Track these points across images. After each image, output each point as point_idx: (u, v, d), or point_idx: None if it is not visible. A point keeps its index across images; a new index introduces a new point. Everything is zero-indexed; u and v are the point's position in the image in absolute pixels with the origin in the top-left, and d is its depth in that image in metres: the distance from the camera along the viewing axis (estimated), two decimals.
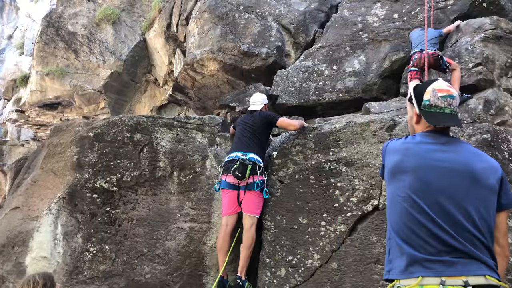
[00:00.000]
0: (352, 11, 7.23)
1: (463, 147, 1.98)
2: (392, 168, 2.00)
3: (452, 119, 1.99)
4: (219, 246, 4.12)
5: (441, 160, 1.91)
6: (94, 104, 11.46)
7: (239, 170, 4.10)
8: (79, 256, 4.28)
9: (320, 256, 3.84)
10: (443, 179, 1.87)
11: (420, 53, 5.49)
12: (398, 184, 1.95)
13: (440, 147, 1.96)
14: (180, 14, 8.98)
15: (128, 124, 4.82)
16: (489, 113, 5.09)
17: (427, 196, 1.86)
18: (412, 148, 1.99)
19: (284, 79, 6.80)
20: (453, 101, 1.99)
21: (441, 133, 2.01)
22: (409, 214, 1.88)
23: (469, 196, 1.85)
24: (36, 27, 15.64)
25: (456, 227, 1.80)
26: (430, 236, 1.81)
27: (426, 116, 2.01)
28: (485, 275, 1.75)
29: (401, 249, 1.87)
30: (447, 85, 2.04)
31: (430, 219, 1.83)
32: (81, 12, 11.47)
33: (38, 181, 4.80)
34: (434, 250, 1.79)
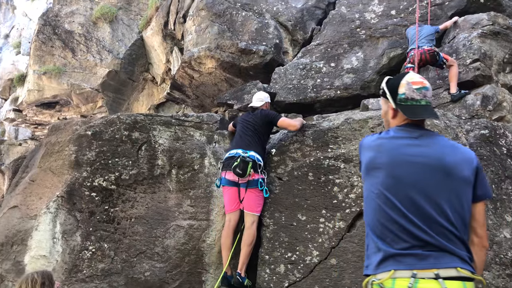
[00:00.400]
0: (349, 8, 7.23)
1: (437, 140, 1.97)
2: (367, 165, 2.01)
3: (429, 111, 2.00)
4: (222, 242, 4.14)
5: (413, 154, 1.91)
6: (91, 103, 11.44)
7: (240, 167, 4.10)
8: (78, 254, 4.28)
9: (319, 252, 3.85)
10: (415, 174, 1.88)
11: (417, 50, 5.51)
12: (372, 181, 1.96)
13: (413, 141, 1.95)
14: (177, 12, 8.96)
15: (126, 123, 4.81)
16: (487, 109, 5.10)
17: (399, 191, 1.87)
18: (385, 144, 1.99)
19: (282, 76, 6.80)
20: (427, 93, 2.00)
21: (415, 126, 2.01)
22: (382, 210, 1.89)
23: (442, 189, 1.85)
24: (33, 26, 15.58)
25: (428, 221, 1.81)
26: (402, 232, 1.82)
27: (404, 109, 2.00)
28: (456, 267, 1.76)
29: (376, 245, 1.90)
30: (419, 77, 2.05)
31: (402, 214, 1.83)
32: (77, 10, 11.43)
33: (36, 180, 4.78)
34: (406, 244, 1.81)
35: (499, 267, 3.37)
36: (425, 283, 1.74)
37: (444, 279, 1.73)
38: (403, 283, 1.75)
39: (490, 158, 3.93)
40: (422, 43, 5.51)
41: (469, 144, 3.94)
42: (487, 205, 3.65)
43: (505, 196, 3.76)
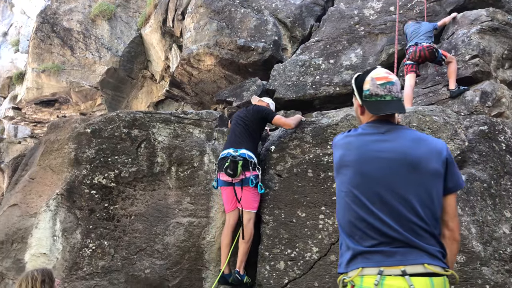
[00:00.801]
0: (348, 4, 7.22)
1: (404, 134, 1.95)
2: (336, 163, 2.00)
3: (394, 106, 1.97)
4: (221, 241, 4.15)
5: (379, 150, 1.90)
6: (91, 101, 11.43)
7: (230, 167, 4.08)
8: (78, 252, 4.29)
9: (319, 249, 3.86)
10: (381, 170, 1.86)
11: (415, 47, 5.51)
12: (341, 179, 1.96)
13: (380, 137, 1.94)
14: (176, 9, 8.94)
15: (125, 120, 4.81)
16: (486, 105, 5.11)
17: (367, 189, 1.86)
18: (352, 141, 1.98)
19: (281, 73, 6.79)
20: (393, 87, 1.97)
21: (384, 122, 1.99)
22: (350, 208, 1.88)
23: (409, 184, 1.83)
24: (31, 23, 15.54)
25: (396, 217, 1.80)
26: (370, 229, 1.82)
27: (368, 106, 1.99)
28: (423, 263, 1.75)
29: (346, 243, 1.90)
30: (385, 71, 2.02)
31: (369, 212, 1.83)
32: (76, 8, 11.40)
33: (35, 178, 4.79)
34: (374, 242, 1.80)
35: (498, 262, 3.39)
36: (392, 280, 1.73)
37: (410, 276, 1.72)
38: (370, 280, 1.75)
39: (489, 154, 3.94)
40: (421, 39, 5.51)
41: (468, 140, 3.95)
42: (486, 201, 3.66)
43: (504, 192, 3.77)
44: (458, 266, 3.34)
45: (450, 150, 3.76)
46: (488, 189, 3.72)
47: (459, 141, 3.87)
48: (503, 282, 3.29)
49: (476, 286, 3.28)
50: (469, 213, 3.54)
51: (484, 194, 3.69)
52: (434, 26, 5.85)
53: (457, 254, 3.33)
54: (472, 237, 3.44)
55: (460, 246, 3.39)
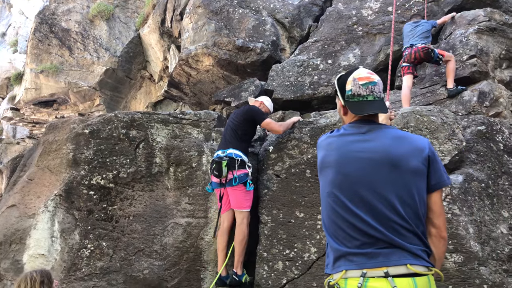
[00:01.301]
0: (346, 5, 7.23)
1: (384, 133, 1.94)
2: (319, 164, 2.01)
3: (376, 106, 1.96)
4: (217, 243, 4.15)
5: (360, 150, 1.89)
6: (89, 101, 11.43)
7: (216, 168, 4.09)
8: (76, 253, 4.29)
9: (317, 249, 3.86)
10: (362, 170, 1.86)
11: (411, 49, 5.52)
12: (324, 180, 1.96)
13: (361, 137, 1.94)
14: (174, 9, 8.94)
15: (123, 121, 4.81)
16: (484, 105, 5.12)
17: (348, 189, 1.86)
18: (334, 142, 1.98)
19: (280, 73, 6.80)
20: (375, 87, 1.97)
21: (366, 122, 1.99)
22: (333, 209, 1.88)
23: (390, 183, 1.82)
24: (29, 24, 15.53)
25: (378, 217, 1.79)
26: (353, 230, 1.81)
27: (350, 106, 1.99)
28: (406, 264, 1.74)
29: (331, 244, 1.90)
30: (367, 72, 2.02)
31: (351, 212, 1.82)
32: (74, 8, 11.40)
33: (34, 178, 4.79)
34: (357, 243, 1.80)
35: (495, 262, 3.39)
36: (375, 282, 1.72)
37: (393, 277, 1.71)
38: (354, 282, 1.75)
39: (487, 154, 3.95)
40: (416, 40, 5.52)
41: (466, 140, 3.95)
42: (483, 201, 3.67)
43: (502, 192, 3.78)
44: (456, 266, 3.34)
45: (448, 150, 3.78)
46: (485, 189, 3.73)
47: (457, 141, 3.87)
48: (501, 282, 3.30)
49: (474, 286, 3.29)
50: (466, 213, 3.55)
51: (481, 194, 3.70)
52: (433, 24, 5.85)
53: (455, 254, 3.34)
54: (470, 237, 3.45)
55: (458, 246, 3.40)
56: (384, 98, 2.01)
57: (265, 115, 4.52)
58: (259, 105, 4.74)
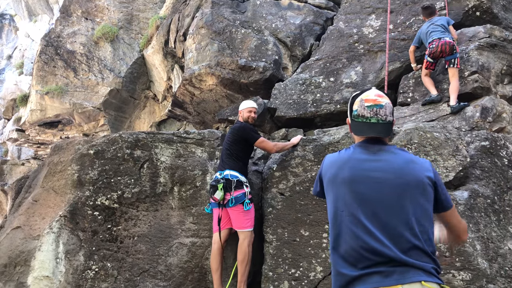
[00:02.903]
0: (347, 23, 7.31)
1: (396, 155, 1.98)
2: (328, 182, 2.02)
3: (378, 129, 1.99)
4: (210, 266, 4.13)
5: (373, 170, 1.93)
6: (93, 121, 11.51)
7: (212, 192, 4.13)
8: (81, 274, 4.27)
9: (323, 268, 3.83)
10: (375, 189, 1.89)
11: (438, 41, 5.54)
12: (334, 198, 1.97)
13: (372, 156, 1.97)
14: (178, 30, 9.08)
15: (128, 141, 4.84)
16: (487, 120, 5.12)
17: (362, 208, 1.87)
18: (344, 161, 2.00)
19: (282, 91, 6.85)
20: (380, 110, 1.99)
21: (375, 142, 2.02)
22: (345, 227, 1.89)
23: (402, 204, 1.86)
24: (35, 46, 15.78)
25: (392, 236, 1.82)
26: (366, 249, 1.82)
27: (354, 126, 2.05)
28: (420, 281, 1.77)
29: (337, 268, 1.89)
30: (376, 94, 2.04)
31: (366, 231, 1.84)
32: (79, 31, 11.60)
33: (39, 200, 4.80)
34: (371, 262, 1.81)
35: (504, 279, 3.35)
36: None
37: None
38: None
39: (492, 170, 3.94)
40: (442, 34, 5.58)
41: (470, 156, 3.95)
42: (490, 217, 3.65)
43: (508, 208, 3.75)
44: (464, 284, 3.30)
45: (452, 166, 3.77)
46: (491, 205, 3.71)
47: (461, 157, 3.87)
48: None
49: None
50: (473, 230, 3.52)
51: (488, 210, 3.68)
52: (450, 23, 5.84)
53: (463, 272, 3.30)
54: (477, 254, 3.41)
55: (465, 263, 3.36)
56: (391, 121, 2.03)
57: (257, 134, 4.47)
58: (240, 117, 4.67)
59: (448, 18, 5.93)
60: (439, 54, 5.53)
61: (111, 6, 11.88)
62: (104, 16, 11.85)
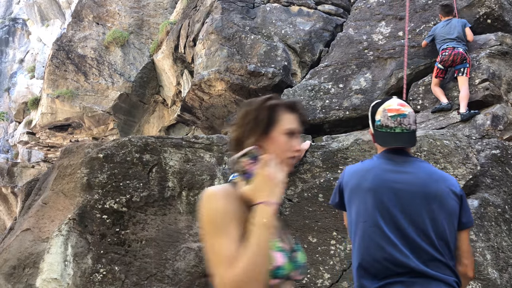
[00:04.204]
0: (357, 30, 7.32)
1: (421, 168, 1.95)
2: (350, 192, 1.99)
3: (403, 139, 1.96)
4: None
5: (397, 181, 1.90)
6: (103, 125, 11.61)
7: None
8: (89, 277, 4.28)
9: (330, 275, 3.81)
10: (399, 200, 1.86)
11: (452, 50, 5.51)
12: (356, 208, 1.95)
13: (397, 167, 1.94)
14: (188, 35, 9.14)
15: (137, 145, 4.87)
16: (498, 129, 5.08)
17: (385, 218, 1.85)
18: (368, 171, 1.98)
19: (291, 97, 6.85)
20: (404, 120, 1.97)
21: (399, 152, 1.99)
22: (368, 238, 1.87)
23: (426, 217, 1.83)
24: (47, 51, 15.98)
25: (413, 247, 1.80)
26: (389, 260, 1.80)
27: (377, 136, 2.02)
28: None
29: (362, 274, 1.88)
30: (399, 103, 2.02)
31: (388, 242, 1.82)
32: (90, 35, 11.73)
33: (48, 202, 4.84)
34: (392, 272, 1.79)
35: None
36: None
37: None
38: None
39: (503, 179, 3.90)
40: (457, 44, 5.55)
41: (480, 165, 3.91)
42: (500, 226, 3.60)
43: None
44: None
45: (462, 174, 3.74)
46: (502, 214, 3.67)
47: (471, 165, 3.84)
48: None
49: None
50: (483, 239, 3.48)
51: (498, 219, 3.64)
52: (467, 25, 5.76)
53: (473, 282, 3.26)
54: (488, 264, 3.37)
55: (476, 273, 3.32)
56: (415, 130, 2.01)
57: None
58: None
59: (465, 21, 5.85)
60: (450, 63, 5.52)
61: (122, 11, 12.01)
62: (115, 21, 11.98)
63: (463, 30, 5.70)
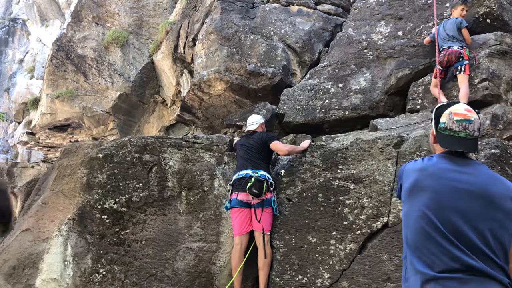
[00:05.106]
0: (356, 30, 7.31)
1: (480, 170, 1.99)
2: (409, 187, 2.02)
3: (466, 144, 2.01)
4: (235, 265, 4.10)
5: (457, 180, 1.93)
6: (103, 125, 11.60)
7: (256, 187, 4.10)
8: (88, 277, 4.28)
9: (330, 275, 3.81)
10: (458, 200, 1.89)
11: (446, 50, 5.54)
12: (414, 203, 1.97)
13: (457, 168, 1.98)
14: (187, 36, 9.14)
15: (136, 145, 4.87)
16: (497, 128, 5.07)
17: (442, 215, 1.88)
18: (428, 168, 2.01)
19: (291, 97, 6.85)
20: (469, 125, 2.01)
21: (459, 155, 2.03)
22: (424, 231, 1.89)
23: (484, 217, 1.86)
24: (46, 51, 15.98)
25: (469, 245, 1.82)
26: (444, 254, 1.82)
27: (440, 138, 2.06)
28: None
29: (416, 267, 1.89)
30: (465, 108, 2.06)
31: (444, 237, 1.84)
32: (90, 35, 11.71)
33: (48, 202, 4.84)
34: (448, 267, 1.81)
35: None
36: None
37: None
38: None
39: None
40: (451, 43, 5.56)
41: None
42: None
43: None
44: None
45: None
46: None
47: None
48: None
49: None
50: None
51: None
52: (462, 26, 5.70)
53: None
54: None
55: None
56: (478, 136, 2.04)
57: (273, 137, 4.68)
58: (262, 127, 4.89)
59: (460, 20, 5.78)
60: (446, 63, 5.53)
61: (122, 11, 12.00)
62: (115, 21, 11.97)
63: (458, 29, 5.69)
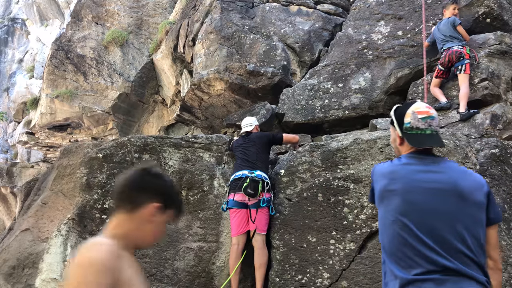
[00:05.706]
0: (356, 29, 7.31)
1: (448, 166, 2.01)
2: (380, 191, 2.03)
3: (434, 140, 2.04)
4: (232, 264, 4.11)
5: (427, 180, 1.94)
6: (102, 125, 11.59)
7: (251, 187, 4.12)
8: None
9: (330, 274, 3.81)
10: (430, 200, 1.90)
11: (447, 51, 5.55)
12: (387, 207, 1.98)
13: (425, 167, 1.99)
14: (187, 35, 9.13)
15: (136, 145, 4.87)
16: (497, 128, 5.07)
17: (416, 217, 1.89)
18: (398, 170, 2.02)
19: (290, 97, 6.85)
20: (433, 122, 2.04)
21: (425, 154, 2.05)
22: (399, 236, 1.90)
23: (458, 214, 1.87)
24: (46, 50, 15.96)
25: (445, 246, 1.83)
26: (420, 257, 1.83)
27: (409, 138, 2.05)
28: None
29: (393, 272, 1.91)
30: (426, 106, 2.10)
31: (419, 240, 1.85)
32: (89, 35, 11.70)
33: (48, 202, 4.83)
34: (423, 270, 1.82)
35: None
36: None
37: None
38: None
39: (502, 178, 3.90)
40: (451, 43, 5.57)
41: (480, 164, 3.92)
42: (500, 226, 3.61)
43: None
44: None
45: None
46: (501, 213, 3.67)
47: (470, 164, 3.84)
48: None
49: None
50: None
51: None
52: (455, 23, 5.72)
53: None
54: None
55: None
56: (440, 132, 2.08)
57: (277, 133, 4.82)
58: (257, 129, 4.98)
59: (453, 18, 5.78)
60: (448, 63, 5.53)
61: (121, 11, 11.99)
62: (114, 21, 11.96)
63: (453, 27, 5.69)
